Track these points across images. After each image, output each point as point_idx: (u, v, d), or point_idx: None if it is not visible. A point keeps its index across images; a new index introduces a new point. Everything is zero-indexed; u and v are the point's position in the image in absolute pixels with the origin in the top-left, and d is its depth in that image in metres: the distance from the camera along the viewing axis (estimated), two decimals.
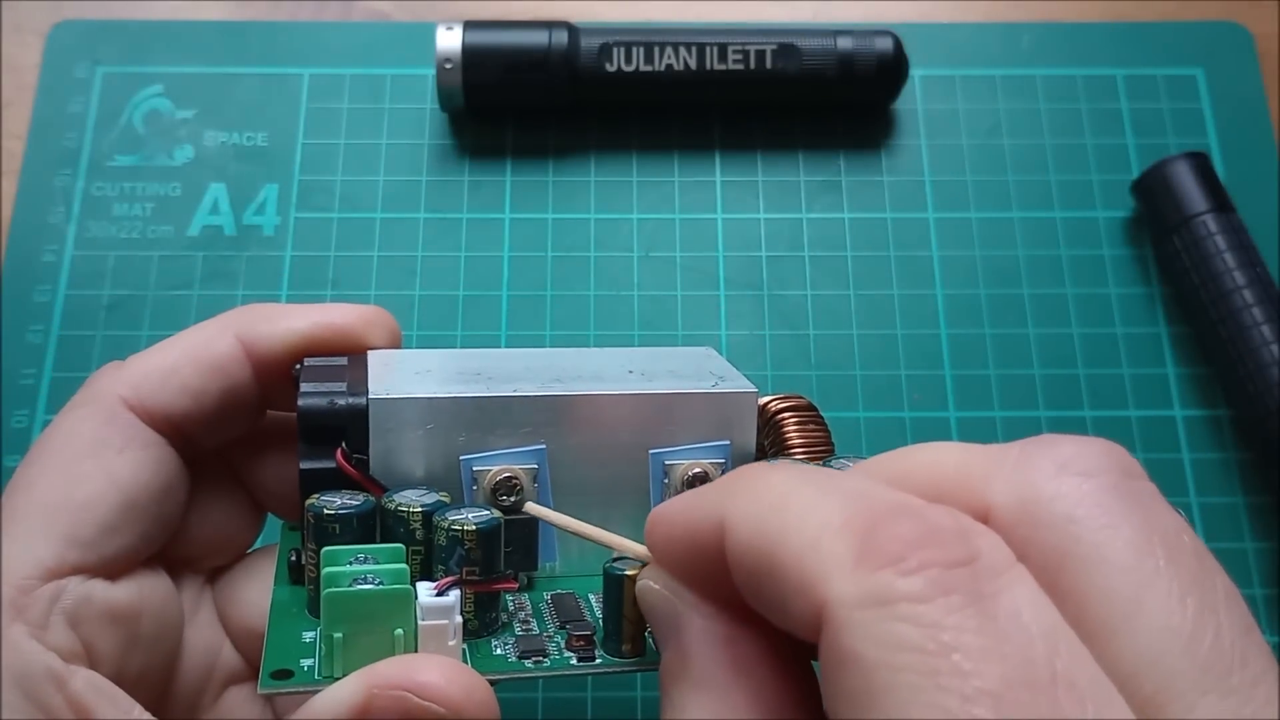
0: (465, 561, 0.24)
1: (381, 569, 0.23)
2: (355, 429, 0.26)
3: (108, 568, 0.25)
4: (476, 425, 0.26)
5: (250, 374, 0.28)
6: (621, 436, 0.27)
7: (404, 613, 0.23)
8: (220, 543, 0.29)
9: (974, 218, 0.45)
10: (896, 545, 0.17)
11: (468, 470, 0.26)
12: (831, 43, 0.45)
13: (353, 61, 0.47)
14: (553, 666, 0.24)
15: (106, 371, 0.27)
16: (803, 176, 0.46)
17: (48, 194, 0.44)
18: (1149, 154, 0.45)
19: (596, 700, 0.37)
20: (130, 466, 0.26)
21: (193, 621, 0.28)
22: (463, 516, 0.24)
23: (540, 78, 0.44)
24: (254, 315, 0.28)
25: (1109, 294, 0.44)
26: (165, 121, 0.46)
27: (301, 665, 0.24)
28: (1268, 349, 0.40)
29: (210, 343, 0.27)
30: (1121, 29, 0.48)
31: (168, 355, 0.27)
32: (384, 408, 0.26)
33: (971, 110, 0.47)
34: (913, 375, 0.42)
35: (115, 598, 0.25)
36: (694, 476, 0.27)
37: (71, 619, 0.24)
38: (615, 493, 0.27)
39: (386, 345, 0.29)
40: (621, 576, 0.24)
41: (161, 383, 0.27)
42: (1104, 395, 0.42)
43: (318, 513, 0.25)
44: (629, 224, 0.45)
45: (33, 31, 0.47)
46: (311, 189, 0.45)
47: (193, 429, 0.27)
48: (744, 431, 0.27)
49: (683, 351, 0.30)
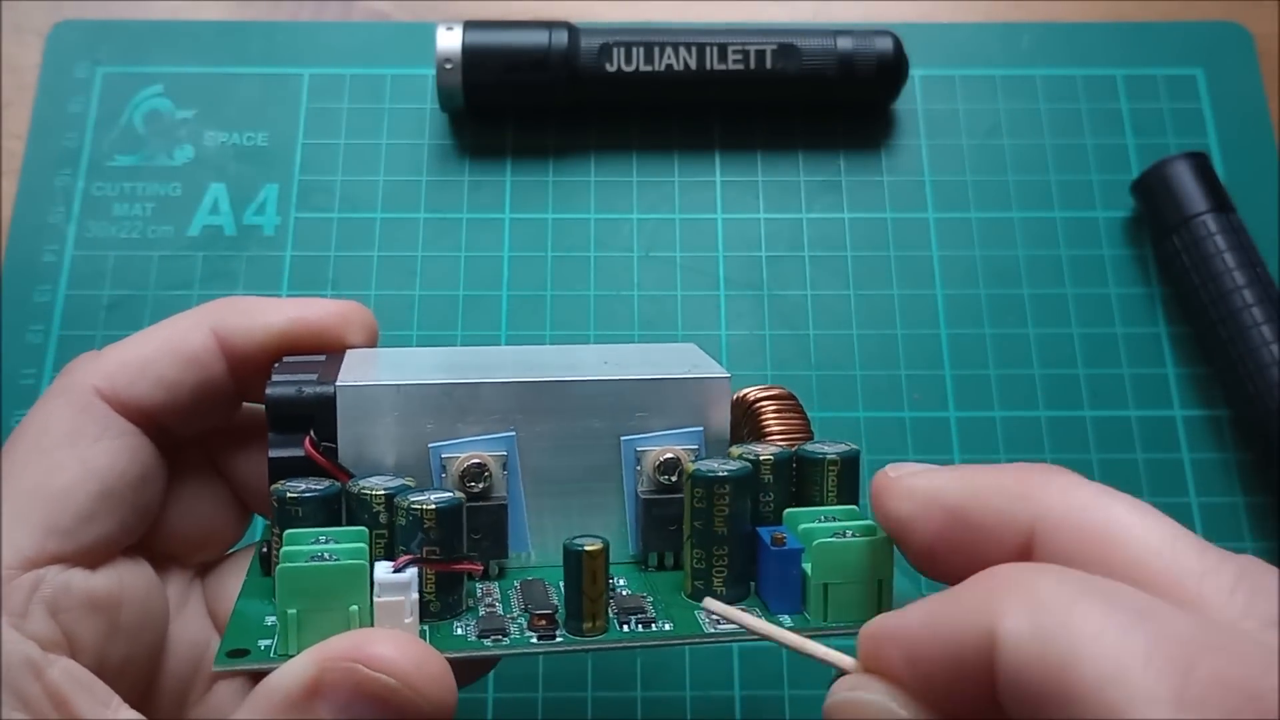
0: (426, 542, 0.24)
1: (339, 548, 0.23)
2: (324, 417, 0.26)
3: (86, 556, 0.25)
4: (445, 412, 0.26)
5: (225, 368, 0.28)
6: (593, 423, 0.27)
7: (359, 588, 0.23)
8: (204, 538, 0.29)
9: (974, 218, 0.45)
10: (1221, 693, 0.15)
11: (436, 458, 0.26)
12: (831, 43, 0.45)
13: (353, 61, 0.47)
14: (511, 645, 0.24)
15: (82, 362, 0.27)
16: (803, 176, 0.46)
17: (48, 194, 0.44)
18: (1149, 154, 0.45)
19: (596, 700, 0.37)
20: (106, 455, 0.26)
21: (181, 616, 0.28)
22: (424, 497, 0.24)
23: (540, 78, 0.44)
24: (230, 309, 0.28)
25: (1109, 294, 0.44)
26: (165, 121, 0.46)
27: (259, 645, 0.24)
28: (1268, 349, 0.40)
29: (186, 336, 0.28)
30: (1121, 29, 0.48)
31: (143, 347, 0.27)
32: (352, 395, 0.26)
33: (971, 110, 0.47)
34: (913, 375, 0.42)
35: (95, 586, 0.25)
36: (665, 462, 0.27)
37: (51, 607, 0.24)
38: (587, 480, 0.27)
39: (364, 343, 0.29)
40: (580, 551, 0.24)
41: (136, 374, 0.27)
42: (1104, 395, 0.42)
43: (281, 496, 0.25)
44: (629, 224, 0.45)
45: (33, 31, 0.47)
46: (311, 189, 0.45)
47: (167, 420, 0.27)
48: (717, 417, 0.27)
49: (664, 347, 0.31)
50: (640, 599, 0.26)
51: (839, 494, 0.26)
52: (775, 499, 0.26)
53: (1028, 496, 0.20)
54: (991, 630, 0.18)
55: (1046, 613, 0.17)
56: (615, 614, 0.25)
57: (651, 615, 0.25)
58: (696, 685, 0.38)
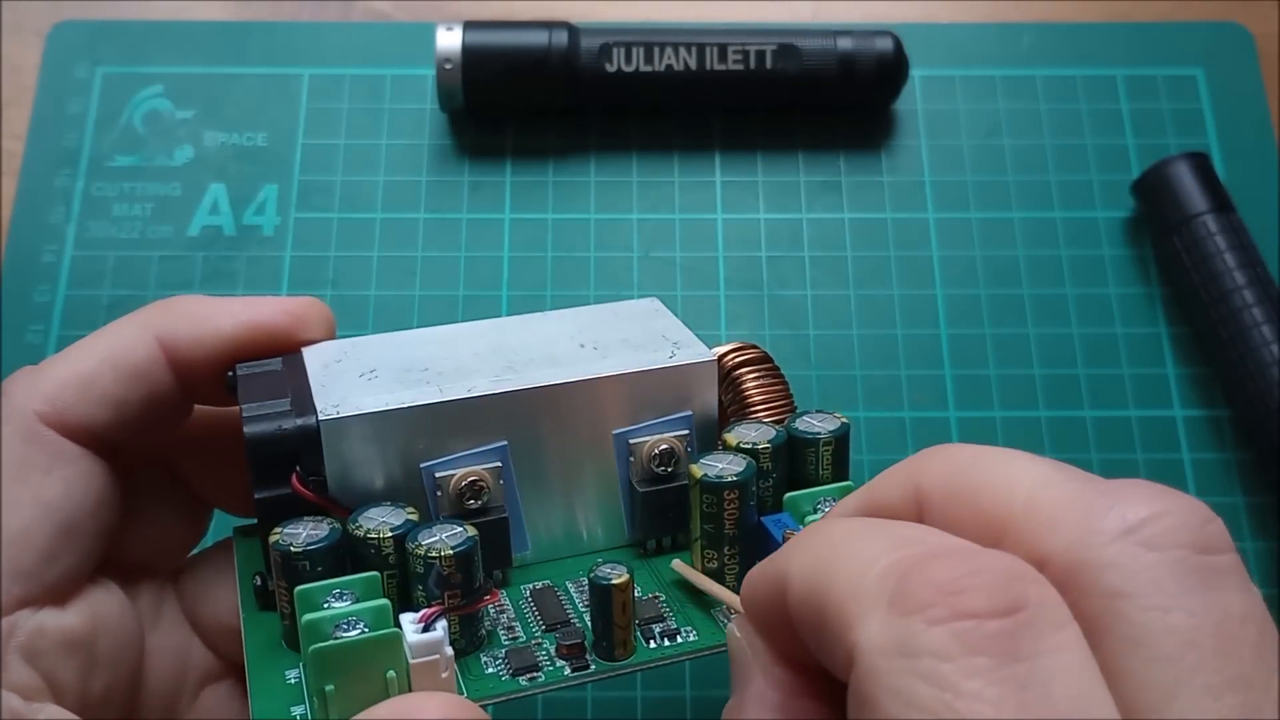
0: (446, 586, 0.24)
1: (362, 608, 0.23)
2: (308, 451, 0.25)
3: (54, 594, 0.24)
4: (433, 432, 0.25)
5: (172, 379, 0.26)
6: (582, 422, 0.27)
7: (393, 655, 0.23)
8: (169, 544, 0.29)
9: (974, 218, 0.45)
10: (930, 590, 0.16)
11: (429, 478, 0.26)
12: (831, 43, 0.45)
13: (353, 61, 0.47)
14: (548, 681, 0.24)
15: (18, 382, 0.26)
16: (803, 176, 0.46)
17: (48, 194, 0.44)
18: (1149, 154, 0.45)
19: (596, 700, 0.37)
20: (59, 487, 0.24)
21: (157, 627, 0.28)
22: (436, 539, 0.24)
23: (540, 78, 0.44)
24: (174, 315, 0.27)
25: (1109, 294, 0.44)
26: (165, 122, 0.46)
27: (293, 714, 0.23)
28: (1268, 349, 0.40)
29: (129, 348, 0.26)
30: (1121, 29, 0.48)
31: (83, 362, 0.26)
32: (335, 428, 0.25)
33: (971, 110, 0.47)
34: (913, 375, 0.42)
35: (68, 624, 0.24)
36: (661, 454, 0.27)
37: (27, 654, 0.23)
38: (582, 479, 0.27)
39: (321, 338, 0.28)
40: (609, 586, 0.24)
41: (79, 394, 0.25)
42: (1104, 395, 0.42)
43: (284, 551, 0.24)
44: (629, 224, 0.45)
45: (33, 31, 0.47)
46: (311, 189, 0.45)
47: (116, 438, 0.26)
48: (705, 399, 0.27)
49: (628, 307, 0.30)
50: (655, 603, 0.26)
51: (833, 471, 0.27)
52: (774, 483, 0.26)
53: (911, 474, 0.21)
54: (784, 572, 0.19)
55: (822, 548, 0.19)
56: (638, 624, 0.25)
57: (674, 625, 0.25)
58: (696, 685, 0.38)
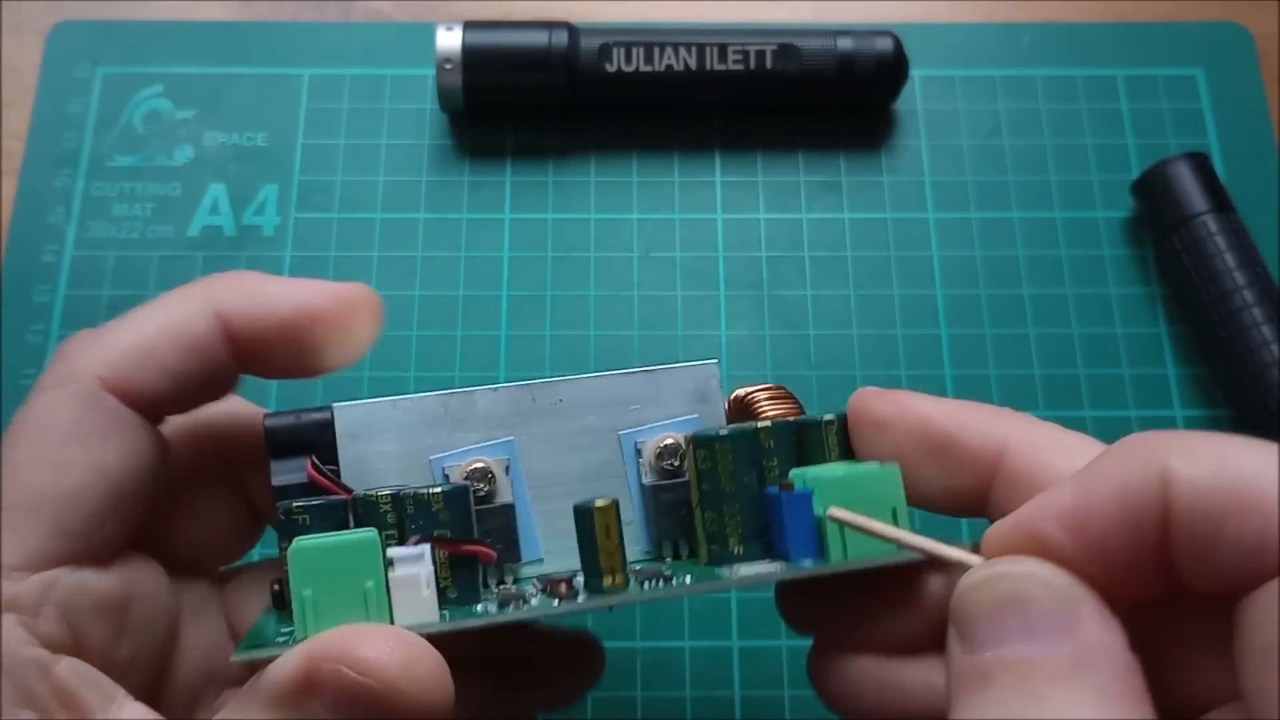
0: (435, 525, 0.24)
1: (349, 535, 0.24)
2: (324, 442, 0.27)
3: (97, 556, 0.25)
4: (442, 424, 0.27)
5: (228, 353, 0.27)
6: (589, 421, 0.27)
7: (372, 562, 0.23)
8: (218, 546, 0.29)
9: (974, 218, 0.45)
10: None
11: (439, 470, 0.27)
12: (831, 43, 0.45)
13: (353, 61, 0.47)
14: (533, 609, 0.24)
15: (80, 344, 0.26)
16: (803, 176, 0.46)
17: (48, 194, 0.44)
18: (1149, 154, 0.45)
19: (596, 700, 0.37)
20: (116, 455, 0.25)
21: (198, 622, 0.28)
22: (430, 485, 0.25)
23: (540, 78, 0.44)
24: (233, 291, 0.27)
25: (1109, 294, 0.44)
26: (165, 122, 0.46)
27: (277, 641, 0.24)
28: (1268, 349, 0.40)
29: (190, 321, 0.26)
30: (1121, 29, 0.48)
31: (145, 332, 0.26)
32: (349, 414, 0.27)
33: (971, 110, 0.47)
34: (913, 375, 0.42)
35: (106, 587, 0.25)
36: (665, 448, 0.27)
37: (64, 610, 0.24)
38: (591, 479, 0.27)
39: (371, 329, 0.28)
40: (591, 508, 0.24)
41: (140, 363, 0.26)
42: (1104, 395, 0.42)
43: (287, 509, 0.25)
44: (629, 224, 0.45)
45: (33, 31, 0.47)
46: (311, 189, 0.45)
47: (170, 407, 0.27)
48: (711, 404, 0.28)
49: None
50: (657, 567, 0.26)
51: (840, 451, 0.26)
52: (779, 463, 0.26)
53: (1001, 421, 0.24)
54: (1161, 472, 0.19)
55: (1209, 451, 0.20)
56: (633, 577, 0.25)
57: (670, 574, 0.25)
58: (696, 685, 0.38)
